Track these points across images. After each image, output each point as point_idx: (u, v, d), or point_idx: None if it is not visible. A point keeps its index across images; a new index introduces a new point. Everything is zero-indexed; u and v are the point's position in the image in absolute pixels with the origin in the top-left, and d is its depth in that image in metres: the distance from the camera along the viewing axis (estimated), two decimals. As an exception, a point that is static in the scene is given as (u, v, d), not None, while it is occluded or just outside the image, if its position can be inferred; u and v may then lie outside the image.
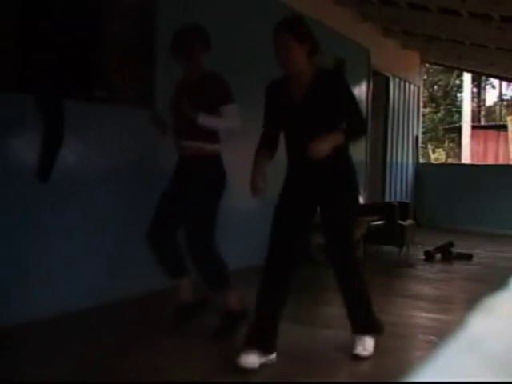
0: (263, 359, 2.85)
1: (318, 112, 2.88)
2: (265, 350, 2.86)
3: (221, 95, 3.28)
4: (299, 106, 2.89)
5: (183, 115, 3.24)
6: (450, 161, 18.69)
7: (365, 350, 3.03)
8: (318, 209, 3.06)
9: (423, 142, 16.48)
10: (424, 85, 15.03)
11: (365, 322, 3.11)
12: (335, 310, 4.34)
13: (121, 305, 3.85)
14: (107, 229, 4.00)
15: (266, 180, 3.01)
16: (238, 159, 5.37)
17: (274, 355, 2.91)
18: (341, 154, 2.90)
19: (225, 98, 3.28)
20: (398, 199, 9.00)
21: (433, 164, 14.61)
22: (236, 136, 5.34)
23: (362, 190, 5.95)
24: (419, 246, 7.01)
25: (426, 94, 20.42)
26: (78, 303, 3.68)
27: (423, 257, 6.58)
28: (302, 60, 2.87)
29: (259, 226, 5.65)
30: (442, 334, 3.32)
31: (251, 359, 2.80)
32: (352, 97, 3.03)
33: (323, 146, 2.73)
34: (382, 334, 3.14)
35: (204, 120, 3.21)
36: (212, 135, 3.33)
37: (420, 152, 10.88)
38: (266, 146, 3.09)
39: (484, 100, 24.41)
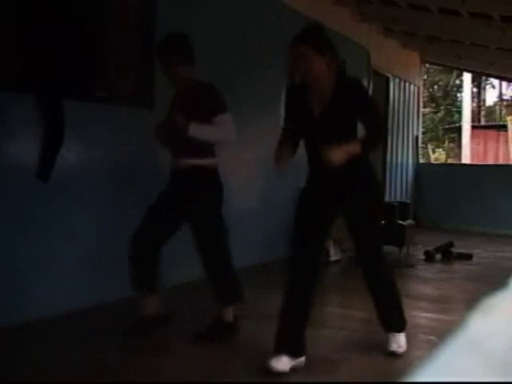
0: (293, 362, 2.87)
1: (338, 124, 2.87)
2: (294, 353, 2.88)
3: (212, 105, 3.17)
4: (319, 118, 2.87)
5: (176, 129, 3.14)
6: (450, 161, 18.68)
7: (400, 347, 3.18)
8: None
9: (423, 142, 16.48)
10: (424, 85, 15.03)
11: (397, 321, 3.24)
12: (335, 310, 4.34)
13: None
14: (105, 229, 4.00)
15: (290, 156, 2.96)
16: (236, 161, 5.39)
17: (303, 358, 2.93)
18: (359, 162, 2.86)
19: (217, 107, 3.16)
20: (398, 199, 9.00)
21: (433, 164, 14.60)
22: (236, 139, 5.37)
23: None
24: (419, 246, 7.01)
25: (426, 94, 20.41)
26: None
27: (423, 257, 6.58)
28: (323, 71, 2.81)
29: (259, 226, 5.68)
30: (442, 334, 3.33)
31: (282, 363, 2.82)
32: (369, 99, 3.04)
33: (338, 155, 2.69)
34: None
35: (194, 131, 3.09)
36: (206, 150, 3.25)
37: (420, 152, 10.88)
38: (286, 144, 3.00)
39: (484, 100, 24.40)
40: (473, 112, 19.37)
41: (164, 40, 3.34)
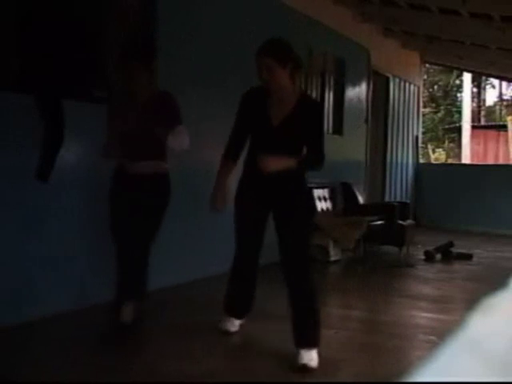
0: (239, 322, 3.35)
1: (292, 136, 2.97)
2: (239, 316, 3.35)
3: (175, 116, 3.30)
4: (276, 128, 2.97)
5: (138, 135, 3.24)
6: (450, 161, 18.67)
7: (311, 359, 2.88)
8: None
9: (423, 142, 16.47)
10: (424, 85, 15.02)
11: (313, 335, 2.97)
12: (335, 310, 4.34)
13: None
14: (105, 230, 3.99)
15: (227, 196, 3.16)
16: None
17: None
18: (295, 176, 3.00)
19: (178, 118, 3.30)
20: (398, 199, 9.00)
21: (433, 164, 14.60)
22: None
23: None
24: (419, 246, 7.01)
25: (426, 94, 20.40)
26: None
27: (423, 257, 6.58)
28: (285, 80, 2.95)
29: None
30: (442, 334, 3.33)
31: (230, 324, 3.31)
32: (322, 127, 3.19)
33: (273, 164, 2.85)
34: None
35: (171, 140, 3.21)
36: (163, 153, 3.36)
37: (420, 152, 10.88)
38: (233, 153, 3.19)
39: (484, 100, 24.38)
40: (473, 112, 19.36)
41: (130, 48, 3.41)
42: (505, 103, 24.13)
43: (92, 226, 3.91)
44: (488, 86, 23.72)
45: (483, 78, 20.65)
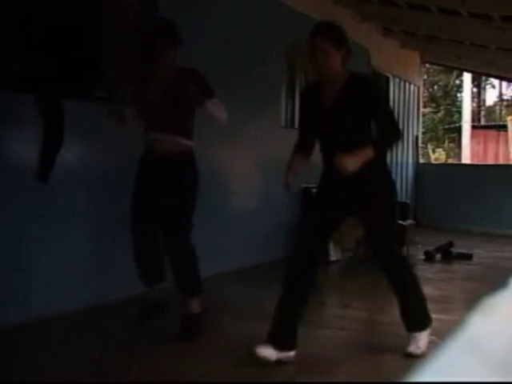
0: (280, 355, 2.89)
1: (347, 116, 2.89)
2: (282, 347, 2.89)
3: (206, 89, 3.22)
4: (328, 111, 2.92)
5: (160, 110, 3.19)
6: (450, 161, 18.67)
7: (418, 348, 3.06)
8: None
9: (423, 142, 16.46)
10: (424, 85, 15.02)
11: (416, 320, 3.15)
12: (335, 310, 4.34)
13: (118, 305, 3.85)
14: (106, 230, 4.00)
15: (297, 177, 3.06)
16: (235, 161, 5.40)
17: (292, 353, 2.94)
18: (374, 165, 2.86)
19: (210, 91, 3.23)
20: (398, 199, 8.99)
21: (433, 164, 14.59)
22: (235, 139, 5.39)
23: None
24: (419, 246, 7.01)
25: (426, 94, 20.39)
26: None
27: (423, 257, 6.57)
28: (338, 65, 2.90)
29: (262, 226, 5.67)
30: (442, 334, 3.32)
31: (268, 352, 2.85)
32: (383, 102, 3.13)
33: (350, 163, 2.73)
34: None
35: (211, 106, 3.18)
36: (189, 131, 3.29)
37: (420, 152, 10.88)
38: (300, 150, 3.13)
39: (484, 100, 24.38)
40: (473, 112, 19.35)
41: (160, 26, 3.39)
42: (505, 103, 24.13)
43: (93, 225, 3.91)
44: (488, 86, 23.74)
45: (483, 78, 20.65)
